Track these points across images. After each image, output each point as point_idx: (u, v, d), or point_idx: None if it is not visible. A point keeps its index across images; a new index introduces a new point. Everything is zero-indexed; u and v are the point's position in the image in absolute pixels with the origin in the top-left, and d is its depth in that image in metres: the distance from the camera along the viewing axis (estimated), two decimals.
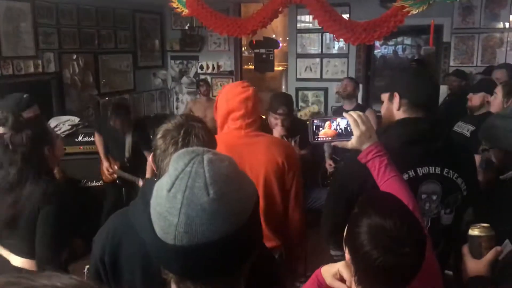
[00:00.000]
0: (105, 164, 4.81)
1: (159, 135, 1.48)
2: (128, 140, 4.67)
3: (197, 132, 1.46)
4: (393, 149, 1.68)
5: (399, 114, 1.88)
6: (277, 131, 3.52)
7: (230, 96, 2.18)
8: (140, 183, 4.30)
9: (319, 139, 1.63)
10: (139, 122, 4.99)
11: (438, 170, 1.82)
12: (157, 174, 1.46)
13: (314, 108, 6.92)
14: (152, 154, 1.49)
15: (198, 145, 1.39)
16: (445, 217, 1.88)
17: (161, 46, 7.73)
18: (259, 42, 7.71)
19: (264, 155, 2.16)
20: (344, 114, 1.65)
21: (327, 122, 1.64)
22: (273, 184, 2.16)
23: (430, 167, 1.81)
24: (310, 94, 7.17)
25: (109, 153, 4.85)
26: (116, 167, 4.77)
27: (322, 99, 7.14)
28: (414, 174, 1.79)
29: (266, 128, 3.45)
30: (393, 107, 1.88)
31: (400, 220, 1.17)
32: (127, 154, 4.70)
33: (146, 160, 3.88)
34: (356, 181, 1.74)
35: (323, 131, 1.63)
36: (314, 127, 1.63)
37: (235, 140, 2.17)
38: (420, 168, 1.80)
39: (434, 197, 1.84)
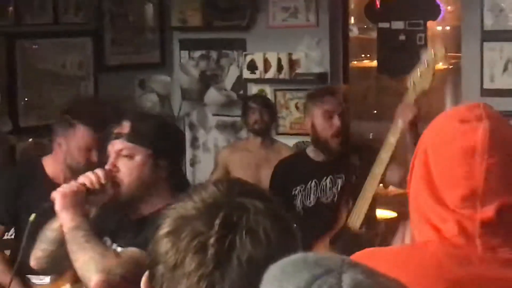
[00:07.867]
0: None
1: (164, 230, 1.19)
2: None
3: (254, 224, 1.14)
4: None
5: None
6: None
7: (437, 144, 1.71)
8: None
9: None
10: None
11: None
12: None
13: None
14: (146, 275, 1.29)
15: (257, 254, 1.14)
16: None
17: (158, 19, 6.52)
18: (390, 5, 6.38)
19: None
20: None
21: None
22: None
23: None
24: None
25: None
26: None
27: None
28: None
29: None
30: None
31: None
32: None
33: None
34: None
35: None
36: None
37: (460, 270, 1.67)
38: None
39: None
